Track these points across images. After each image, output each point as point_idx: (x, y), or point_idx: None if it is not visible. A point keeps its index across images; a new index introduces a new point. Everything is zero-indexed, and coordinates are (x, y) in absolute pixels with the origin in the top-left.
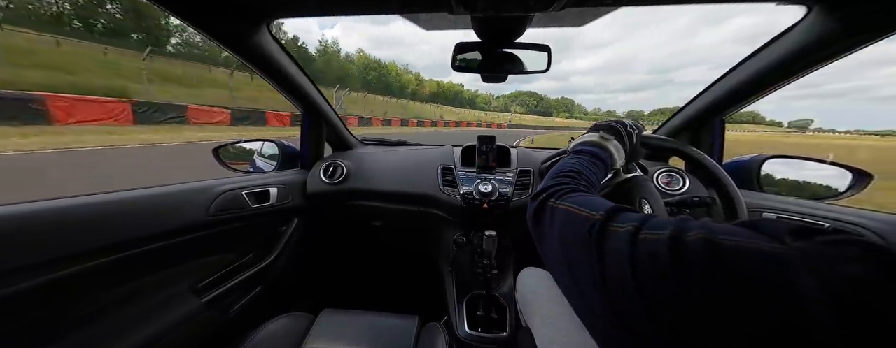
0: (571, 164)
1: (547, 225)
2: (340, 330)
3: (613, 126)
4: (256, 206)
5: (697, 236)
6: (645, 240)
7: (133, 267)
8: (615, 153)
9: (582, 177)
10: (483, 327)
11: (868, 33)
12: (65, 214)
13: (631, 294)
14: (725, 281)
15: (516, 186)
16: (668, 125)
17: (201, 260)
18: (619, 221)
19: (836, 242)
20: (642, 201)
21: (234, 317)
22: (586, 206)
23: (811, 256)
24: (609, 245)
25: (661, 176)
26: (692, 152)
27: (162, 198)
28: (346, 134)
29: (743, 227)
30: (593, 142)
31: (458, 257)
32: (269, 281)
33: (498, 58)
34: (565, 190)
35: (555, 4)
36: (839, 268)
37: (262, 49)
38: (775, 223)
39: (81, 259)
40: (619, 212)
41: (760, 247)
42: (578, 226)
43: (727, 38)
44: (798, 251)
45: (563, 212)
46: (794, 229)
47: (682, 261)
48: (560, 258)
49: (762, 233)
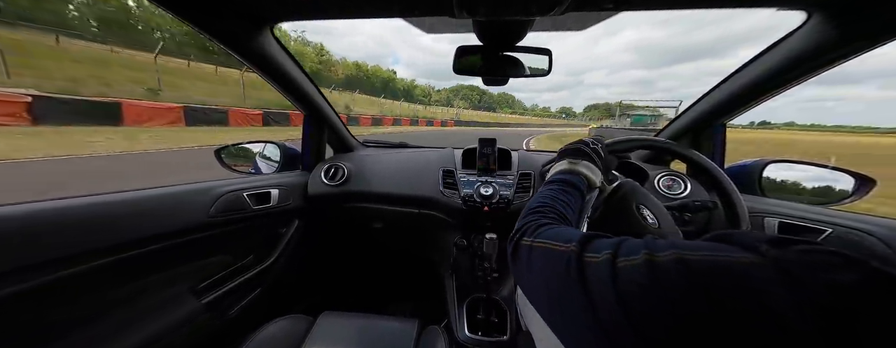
0: (540, 199)
1: (524, 264)
2: (340, 332)
3: (577, 148)
4: (257, 208)
5: (669, 257)
6: (624, 268)
7: (133, 268)
8: (587, 172)
9: (552, 209)
10: (483, 331)
11: (866, 40)
12: (65, 215)
13: (620, 323)
14: (702, 299)
15: (517, 189)
16: (669, 129)
17: (201, 261)
18: (594, 251)
19: (814, 251)
20: (640, 208)
21: (234, 319)
22: (559, 239)
23: (789, 265)
24: (589, 277)
25: (662, 179)
26: (660, 143)
27: (163, 199)
28: (347, 136)
29: (714, 241)
30: (562, 170)
31: (458, 260)
32: (268, 283)
33: (499, 61)
34: (537, 225)
35: (556, 9)
36: (820, 276)
37: (264, 51)
38: (750, 234)
39: (82, 259)
40: (591, 240)
41: (731, 259)
42: (555, 261)
43: (619, 48)
44: (772, 260)
45: (538, 249)
46: (771, 239)
47: (659, 284)
48: (544, 295)
49: (735, 245)
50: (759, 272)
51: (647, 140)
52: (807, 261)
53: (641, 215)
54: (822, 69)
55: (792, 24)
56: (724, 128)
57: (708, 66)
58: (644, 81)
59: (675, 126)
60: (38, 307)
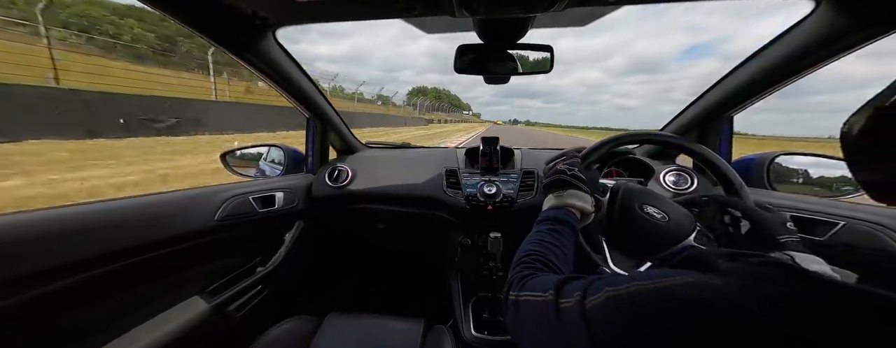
0: (528, 246)
1: (513, 319)
2: (346, 333)
3: (557, 180)
4: (263, 211)
5: (626, 289)
6: (592, 307)
7: (142, 272)
8: (576, 202)
9: (538, 257)
10: (489, 329)
11: (877, 27)
12: (75, 221)
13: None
14: (658, 323)
15: (521, 187)
16: (675, 122)
17: (209, 264)
18: (567, 295)
19: (761, 263)
20: (643, 207)
21: (242, 321)
22: (538, 289)
23: (741, 279)
24: (566, 322)
25: (668, 175)
26: (630, 138)
27: (171, 204)
28: (350, 138)
29: (679, 265)
30: (551, 207)
31: (463, 259)
32: (275, 285)
33: (500, 59)
34: (519, 277)
35: (557, 4)
36: (765, 288)
37: (268, 56)
38: (715, 252)
39: (92, 265)
40: (565, 284)
41: (679, 281)
42: (538, 312)
43: (422, 52)
44: (724, 275)
45: (523, 303)
46: (729, 254)
47: (622, 319)
48: (532, 346)
49: (693, 267)
50: (711, 290)
51: (613, 139)
52: (753, 274)
53: (647, 214)
54: (832, 58)
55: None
56: (731, 120)
57: (477, 77)
58: (441, 83)
59: (681, 119)
60: (50, 312)
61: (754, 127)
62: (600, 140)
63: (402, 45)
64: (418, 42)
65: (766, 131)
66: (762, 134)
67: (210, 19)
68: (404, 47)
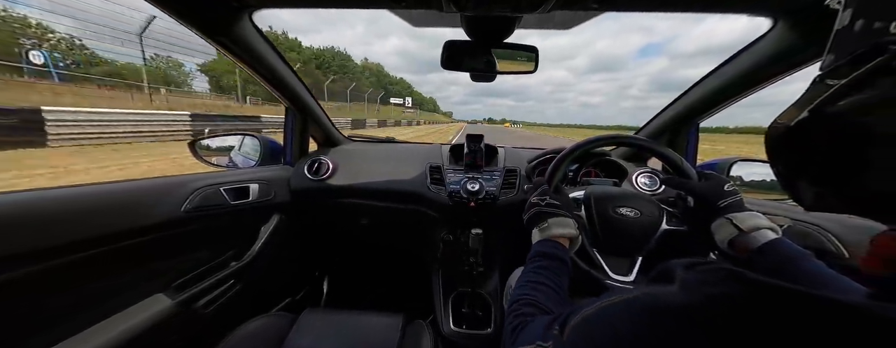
0: (517, 292)
1: None
2: (322, 329)
3: (534, 213)
4: (236, 203)
5: (594, 310)
6: (570, 329)
7: (101, 265)
8: (559, 230)
9: (527, 301)
10: (468, 324)
11: (826, 45)
12: (28, 208)
13: None
14: (612, 332)
15: (503, 185)
16: (646, 129)
17: (175, 258)
18: (550, 338)
19: (708, 270)
20: (616, 210)
21: (210, 318)
22: (527, 343)
23: (690, 284)
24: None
25: (640, 177)
26: (569, 152)
27: (132, 193)
28: (332, 130)
29: (653, 278)
30: (537, 242)
31: (444, 255)
32: (247, 281)
33: (487, 57)
34: (512, 328)
35: (543, 6)
36: (704, 290)
37: (245, 41)
38: (674, 263)
39: (45, 256)
40: (550, 327)
41: (640, 298)
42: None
43: (391, 51)
44: (680, 282)
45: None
46: (685, 264)
47: (592, 337)
48: None
49: (661, 279)
50: (666, 297)
51: (578, 146)
52: (700, 279)
53: (621, 215)
54: (788, 72)
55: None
56: (697, 126)
57: (448, 77)
58: (414, 83)
59: (652, 126)
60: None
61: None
62: (571, 145)
63: (370, 44)
64: (387, 40)
65: (705, 124)
66: (703, 125)
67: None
68: (372, 46)
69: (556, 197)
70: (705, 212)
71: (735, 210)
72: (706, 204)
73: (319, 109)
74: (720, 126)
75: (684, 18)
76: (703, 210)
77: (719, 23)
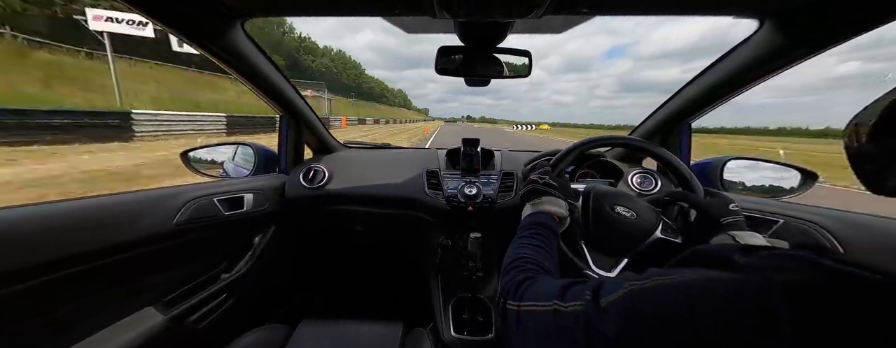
0: (515, 250)
1: (515, 329)
2: (320, 341)
3: (531, 189)
4: (229, 213)
5: (649, 284)
6: (608, 305)
7: (91, 281)
8: (552, 207)
9: (528, 260)
10: (469, 330)
11: (811, 46)
12: (14, 225)
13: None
14: (685, 316)
15: (500, 188)
16: (641, 128)
17: (167, 272)
18: (573, 299)
19: (774, 255)
20: (613, 208)
21: (205, 333)
22: (540, 298)
23: (756, 270)
24: (578, 328)
25: (635, 177)
26: (586, 145)
27: (123, 206)
28: (327, 136)
29: (691, 259)
30: (528, 214)
31: (443, 260)
32: (242, 293)
33: (481, 61)
34: (516, 283)
35: (534, 12)
36: (778, 277)
37: (237, 49)
38: (725, 247)
39: (33, 273)
40: (568, 289)
41: (709, 276)
42: (543, 323)
43: (365, 46)
44: (742, 268)
45: (525, 314)
46: (741, 248)
47: (647, 311)
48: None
49: (708, 262)
50: (731, 284)
51: (576, 145)
52: (771, 265)
53: (617, 214)
54: (774, 72)
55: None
56: (689, 126)
57: (426, 74)
58: (388, 79)
59: (645, 126)
60: None
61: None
62: (569, 145)
63: (342, 38)
64: (360, 33)
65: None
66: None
67: (172, 7)
68: (344, 40)
69: (556, 179)
70: (707, 228)
71: (736, 229)
72: (709, 219)
73: (313, 116)
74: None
75: (644, 23)
76: (704, 225)
77: (676, 29)
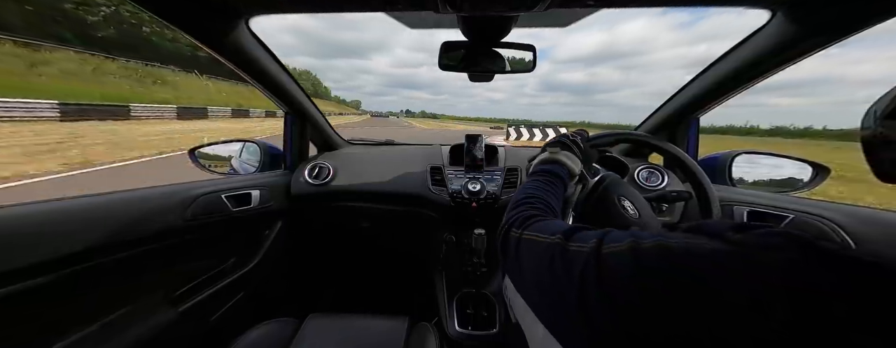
0: (529, 190)
1: (513, 256)
2: (328, 334)
3: (558, 140)
4: (237, 210)
5: (652, 243)
6: (609, 253)
7: (104, 276)
8: (568, 162)
9: (539, 200)
10: (473, 325)
11: (825, 36)
12: (30, 221)
13: (604, 307)
14: (679, 281)
15: (504, 184)
16: (646, 124)
17: (178, 267)
18: (579, 241)
19: (768, 234)
20: (621, 200)
21: (214, 326)
22: (545, 232)
23: (749, 248)
24: (575, 266)
25: (641, 172)
26: (638, 136)
27: (135, 203)
28: (331, 133)
29: (689, 232)
30: (544, 160)
31: (447, 256)
32: (251, 287)
33: (484, 57)
34: (525, 216)
35: (539, 4)
36: (774, 255)
37: (242, 47)
38: (718, 223)
39: (48, 268)
40: (576, 232)
41: (703, 245)
42: (542, 252)
43: (282, 28)
44: (735, 244)
45: (525, 241)
46: (733, 226)
47: (642, 267)
48: (530, 285)
49: (704, 234)
50: (724, 257)
51: (626, 133)
52: (763, 243)
53: (622, 207)
54: (785, 64)
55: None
56: (697, 121)
57: (360, 65)
58: (315, 69)
59: (653, 120)
60: (2, 318)
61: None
62: (612, 131)
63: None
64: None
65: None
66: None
67: (178, 5)
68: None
69: (589, 149)
70: None
71: None
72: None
73: (318, 113)
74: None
75: (560, 31)
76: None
77: (584, 37)
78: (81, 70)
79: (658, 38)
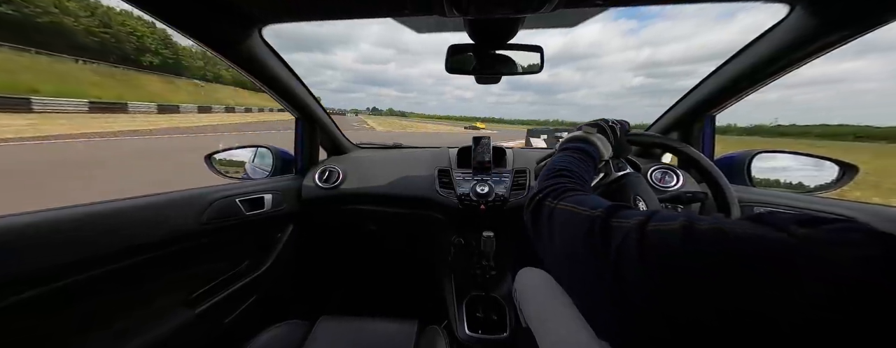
0: (563, 163)
1: (545, 225)
2: (338, 337)
3: (596, 122)
4: (250, 213)
5: (709, 225)
6: (655, 230)
7: (124, 278)
8: (600, 145)
9: (575, 174)
10: (483, 329)
11: (846, 30)
12: (53, 226)
13: (642, 284)
14: (736, 266)
15: (513, 187)
16: (659, 122)
17: (194, 269)
18: (622, 217)
19: (840, 229)
20: (636, 198)
21: (229, 328)
22: (586, 205)
23: (818, 242)
24: (614, 240)
25: (655, 172)
26: (679, 146)
27: (153, 208)
28: (340, 138)
29: (749, 220)
30: (577, 137)
31: (456, 259)
32: (264, 290)
33: (491, 59)
34: (562, 189)
35: (546, 6)
36: (848, 252)
37: (254, 54)
38: (781, 214)
39: (71, 271)
40: (620, 209)
41: (768, 235)
42: (579, 224)
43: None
44: (802, 238)
45: (562, 211)
46: (799, 219)
47: (692, 249)
48: (561, 256)
49: (768, 225)
50: (791, 249)
51: (666, 139)
52: (834, 239)
53: (636, 205)
54: (805, 60)
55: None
56: (713, 119)
57: (321, 59)
58: (295, 63)
59: (666, 119)
60: (26, 321)
61: None
62: (656, 134)
63: None
64: None
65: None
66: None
67: (193, 16)
68: None
69: (623, 138)
70: None
71: None
72: None
73: (327, 118)
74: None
75: (529, 32)
76: None
77: (549, 37)
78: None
79: (610, 43)
